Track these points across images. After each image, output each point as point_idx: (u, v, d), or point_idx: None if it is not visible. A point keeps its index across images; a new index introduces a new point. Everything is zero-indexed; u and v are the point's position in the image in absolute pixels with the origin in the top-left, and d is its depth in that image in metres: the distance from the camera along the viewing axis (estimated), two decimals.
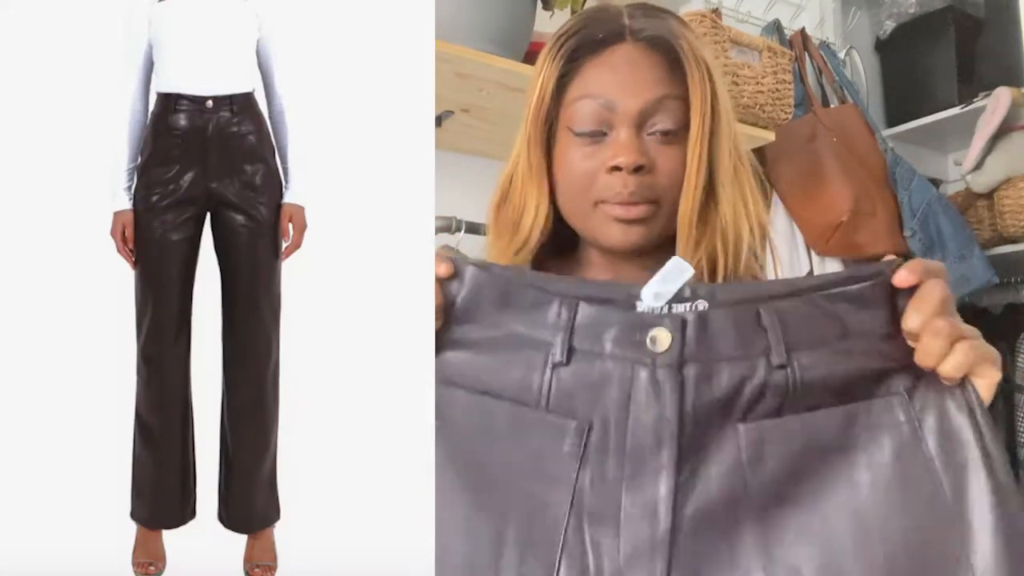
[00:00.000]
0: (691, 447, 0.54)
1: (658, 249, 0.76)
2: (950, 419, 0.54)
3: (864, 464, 0.54)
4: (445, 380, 0.60)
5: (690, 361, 0.54)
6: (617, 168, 0.72)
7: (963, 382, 0.54)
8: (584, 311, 0.57)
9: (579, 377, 0.56)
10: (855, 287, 0.56)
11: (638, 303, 0.56)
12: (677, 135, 0.73)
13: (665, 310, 0.55)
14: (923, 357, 0.54)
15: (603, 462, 0.55)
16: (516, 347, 0.58)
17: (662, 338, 0.55)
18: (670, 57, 0.74)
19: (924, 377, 0.55)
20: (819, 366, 0.55)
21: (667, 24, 0.76)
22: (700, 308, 0.55)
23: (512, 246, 0.78)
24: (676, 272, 0.56)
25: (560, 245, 0.83)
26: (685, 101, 0.73)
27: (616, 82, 0.73)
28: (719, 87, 0.74)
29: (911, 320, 0.54)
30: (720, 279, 0.74)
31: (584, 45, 0.76)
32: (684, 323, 0.55)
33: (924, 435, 0.54)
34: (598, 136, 0.74)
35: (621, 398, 0.55)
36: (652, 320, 0.55)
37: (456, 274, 0.59)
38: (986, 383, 0.54)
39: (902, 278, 0.55)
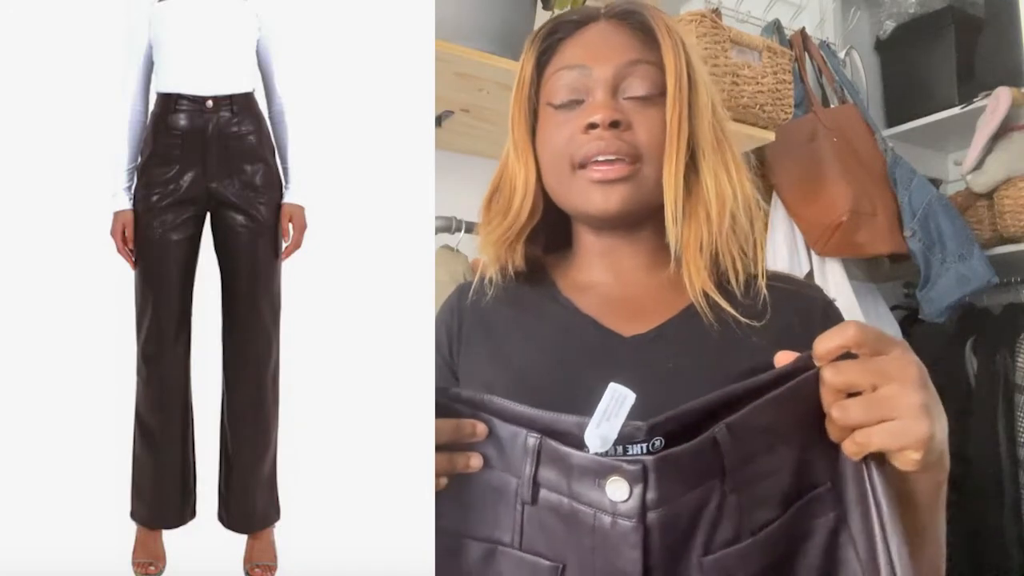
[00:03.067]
0: None
1: (647, 222, 0.76)
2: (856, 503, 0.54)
3: (804, 568, 0.55)
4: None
5: (653, 508, 0.52)
6: (593, 126, 0.72)
7: (864, 462, 0.53)
8: (548, 449, 0.55)
9: (546, 517, 0.55)
10: (790, 384, 0.54)
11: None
12: (655, 98, 0.74)
13: (620, 450, 0.53)
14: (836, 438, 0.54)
15: None
16: (491, 482, 0.58)
17: (620, 488, 0.52)
18: (643, 29, 0.76)
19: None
20: (766, 478, 0.54)
21: (639, 3, 0.79)
22: (657, 445, 0.53)
23: (502, 228, 0.79)
24: (616, 404, 0.53)
25: (557, 242, 0.83)
26: (660, 68, 0.74)
27: (589, 51, 0.76)
28: (695, 60, 0.75)
29: (831, 411, 0.54)
30: (705, 253, 0.72)
31: (561, 27, 0.79)
32: (645, 470, 0.52)
33: (849, 520, 0.54)
34: (575, 103, 0.75)
35: (588, 544, 0.53)
36: (608, 467, 0.53)
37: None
38: (901, 461, 0.52)
39: (824, 351, 0.53)
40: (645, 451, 0.53)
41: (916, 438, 0.51)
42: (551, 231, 0.82)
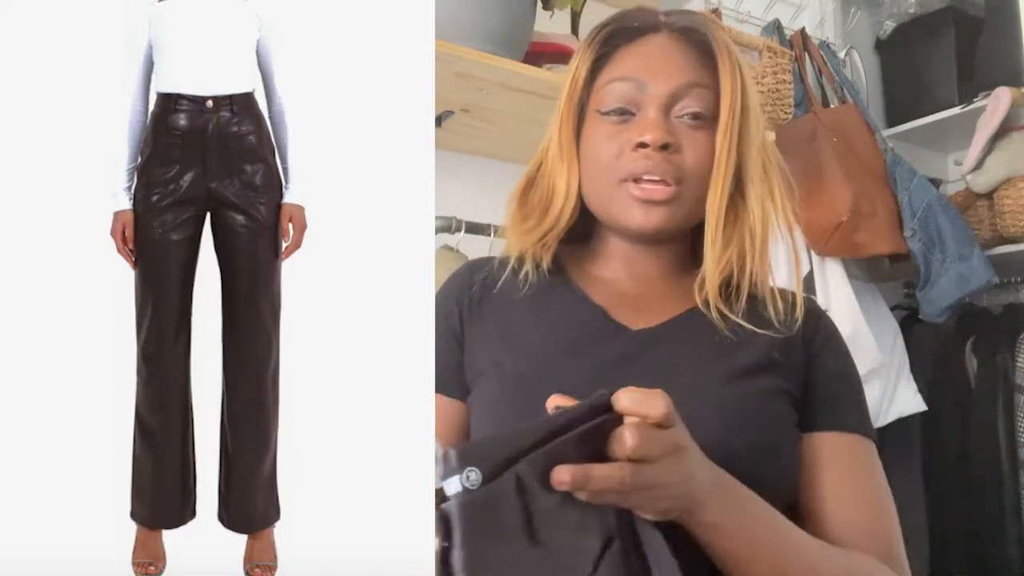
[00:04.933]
0: None
1: (677, 238, 0.78)
2: None
3: None
4: None
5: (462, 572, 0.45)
6: (643, 145, 0.72)
7: None
8: None
9: None
10: (595, 422, 0.51)
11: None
12: (706, 122, 0.74)
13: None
14: None
15: None
16: None
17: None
18: (702, 49, 0.75)
19: None
20: (567, 522, 0.50)
21: (701, 19, 0.78)
22: (472, 479, 0.45)
23: (540, 230, 0.79)
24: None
25: (572, 234, 0.82)
26: (715, 92, 0.74)
27: (647, 65, 0.75)
28: (749, 84, 0.75)
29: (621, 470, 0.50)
30: (747, 279, 0.74)
31: (619, 33, 0.78)
32: (447, 520, 0.45)
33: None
34: (626, 116, 0.74)
35: None
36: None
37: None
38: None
39: (632, 410, 0.52)
40: (460, 488, 0.46)
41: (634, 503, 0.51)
42: (571, 228, 0.82)
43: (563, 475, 0.48)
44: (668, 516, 0.54)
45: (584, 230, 0.83)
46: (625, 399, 0.52)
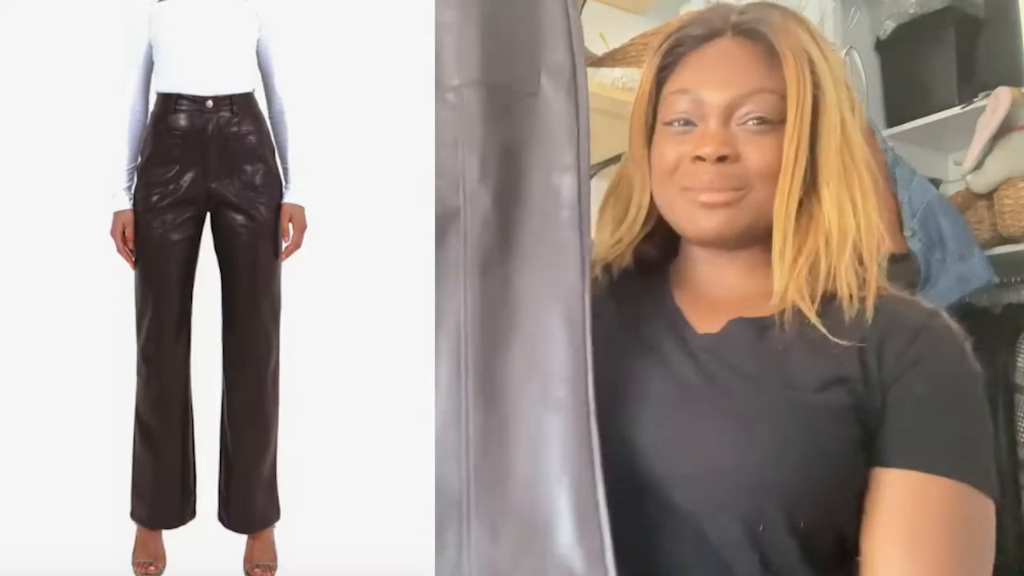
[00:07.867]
0: None
1: (755, 243, 0.75)
2: None
3: None
4: None
5: None
6: (701, 158, 0.71)
7: None
8: None
9: None
10: None
11: None
12: (771, 127, 0.71)
13: None
14: None
15: None
16: None
17: None
18: (771, 50, 0.73)
19: None
20: None
21: (771, 17, 0.75)
22: None
23: (614, 237, 0.79)
24: None
25: (670, 249, 0.82)
26: (782, 95, 0.71)
27: (706, 75, 0.74)
28: (825, 81, 0.72)
29: None
30: (821, 281, 0.69)
31: (684, 41, 0.77)
32: None
33: None
34: (688, 127, 0.73)
35: None
36: None
37: None
38: None
39: None
40: None
41: None
42: (665, 242, 0.82)
43: None
44: None
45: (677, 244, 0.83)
46: None
